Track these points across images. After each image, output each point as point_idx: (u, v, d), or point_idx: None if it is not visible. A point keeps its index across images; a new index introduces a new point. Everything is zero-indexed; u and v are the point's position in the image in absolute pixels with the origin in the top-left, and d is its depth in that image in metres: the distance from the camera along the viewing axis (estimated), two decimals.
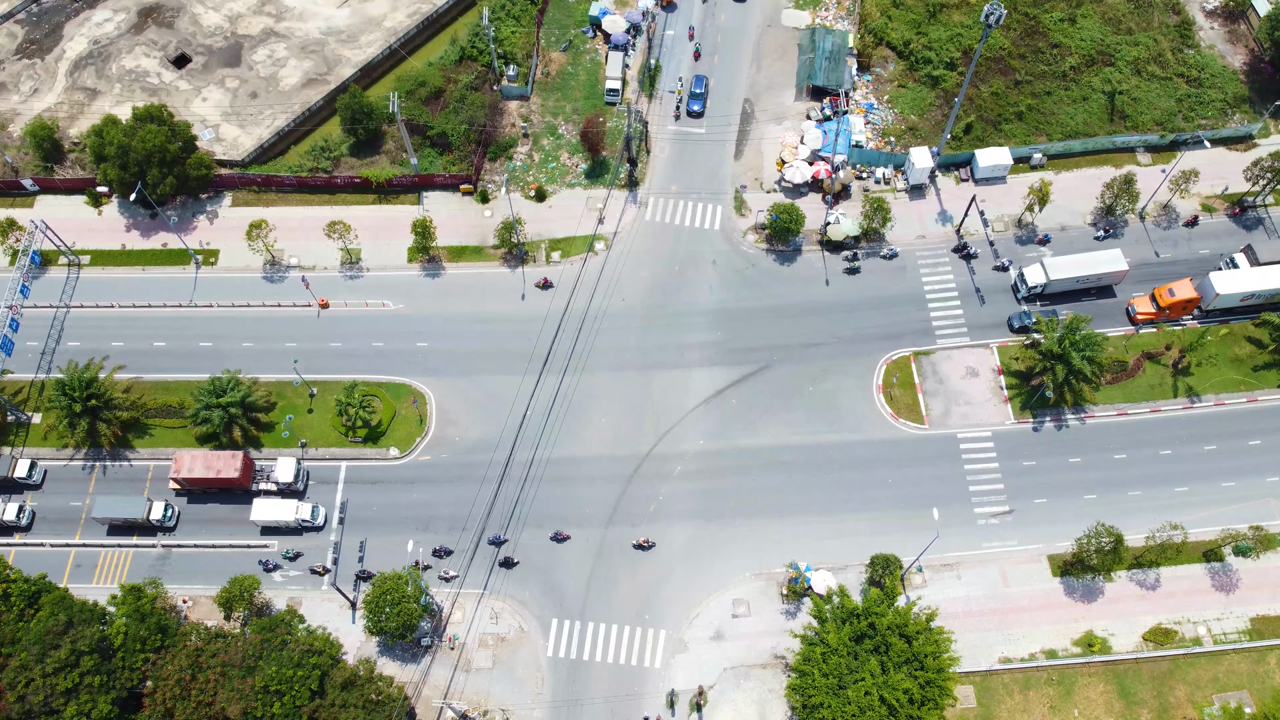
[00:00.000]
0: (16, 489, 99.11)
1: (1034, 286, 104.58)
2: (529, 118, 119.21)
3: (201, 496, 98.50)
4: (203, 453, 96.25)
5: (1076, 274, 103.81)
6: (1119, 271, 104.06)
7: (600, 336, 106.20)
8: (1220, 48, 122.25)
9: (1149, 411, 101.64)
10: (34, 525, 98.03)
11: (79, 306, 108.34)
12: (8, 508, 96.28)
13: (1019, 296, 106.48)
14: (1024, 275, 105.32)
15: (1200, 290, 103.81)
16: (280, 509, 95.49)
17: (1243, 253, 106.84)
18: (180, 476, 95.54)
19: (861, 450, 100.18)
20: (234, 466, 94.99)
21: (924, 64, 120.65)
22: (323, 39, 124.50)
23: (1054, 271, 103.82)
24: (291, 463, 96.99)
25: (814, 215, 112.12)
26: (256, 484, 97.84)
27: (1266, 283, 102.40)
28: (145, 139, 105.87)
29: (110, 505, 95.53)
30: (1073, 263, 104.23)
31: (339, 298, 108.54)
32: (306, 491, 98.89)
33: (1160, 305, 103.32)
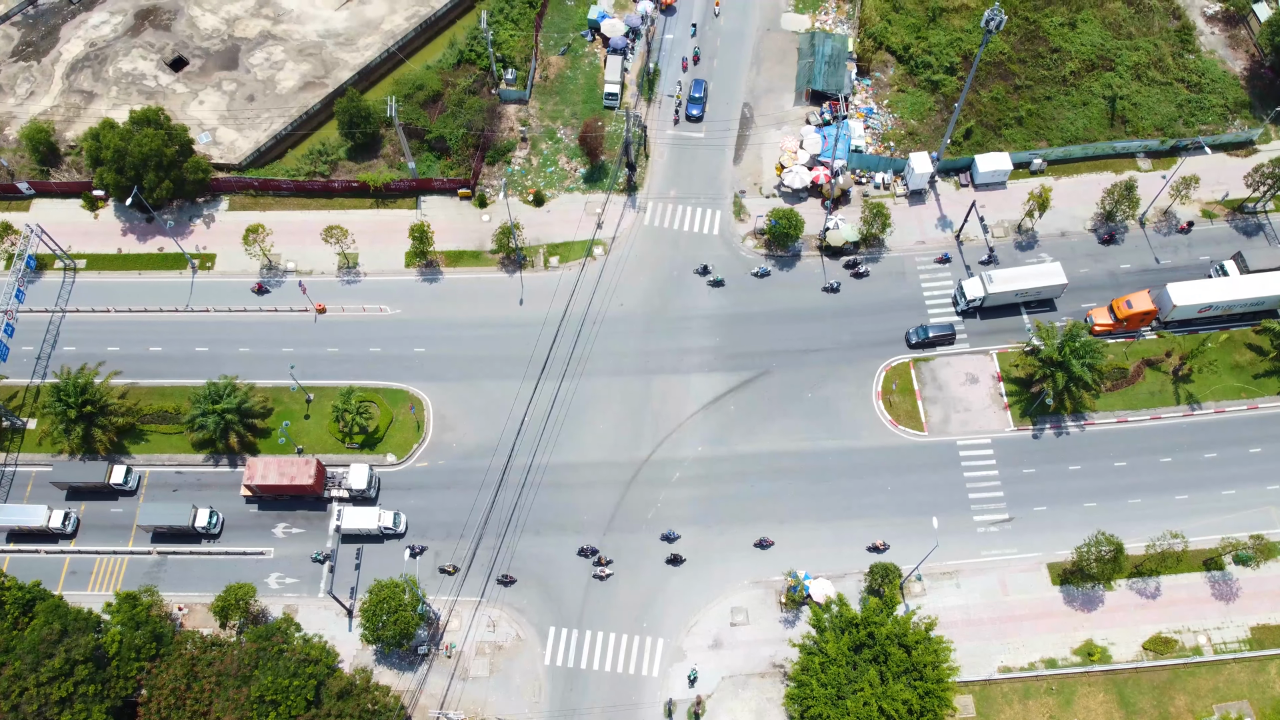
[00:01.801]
0: (111, 495, 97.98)
1: (973, 300, 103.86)
2: (527, 121, 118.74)
3: (272, 503, 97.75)
4: (276, 459, 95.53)
5: (1016, 287, 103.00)
6: (1059, 285, 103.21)
7: (599, 341, 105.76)
8: (1221, 53, 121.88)
9: (1149, 419, 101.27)
10: (79, 532, 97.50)
11: (74, 311, 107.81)
12: (53, 515, 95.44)
13: (958, 309, 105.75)
14: (963, 288, 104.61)
15: (1158, 302, 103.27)
16: (364, 516, 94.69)
17: (1233, 260, 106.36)
18: (254, 483, 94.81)
19: (860, 457, 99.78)
20: (308, 473, 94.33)
21: (924, 68, 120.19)
22: (320, 42, 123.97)
23: (993, 285, 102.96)
24: (364, 469, 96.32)
25: (813, 220, 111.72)
26: (329, 490, 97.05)
27: (1223, 295, 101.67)
28: (142, 143, 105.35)
29: (156, 513, 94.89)
30: (1012, 276, 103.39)
31: (336, 302, 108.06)
32: (379, 497, 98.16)
33: (1118, 317, 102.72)
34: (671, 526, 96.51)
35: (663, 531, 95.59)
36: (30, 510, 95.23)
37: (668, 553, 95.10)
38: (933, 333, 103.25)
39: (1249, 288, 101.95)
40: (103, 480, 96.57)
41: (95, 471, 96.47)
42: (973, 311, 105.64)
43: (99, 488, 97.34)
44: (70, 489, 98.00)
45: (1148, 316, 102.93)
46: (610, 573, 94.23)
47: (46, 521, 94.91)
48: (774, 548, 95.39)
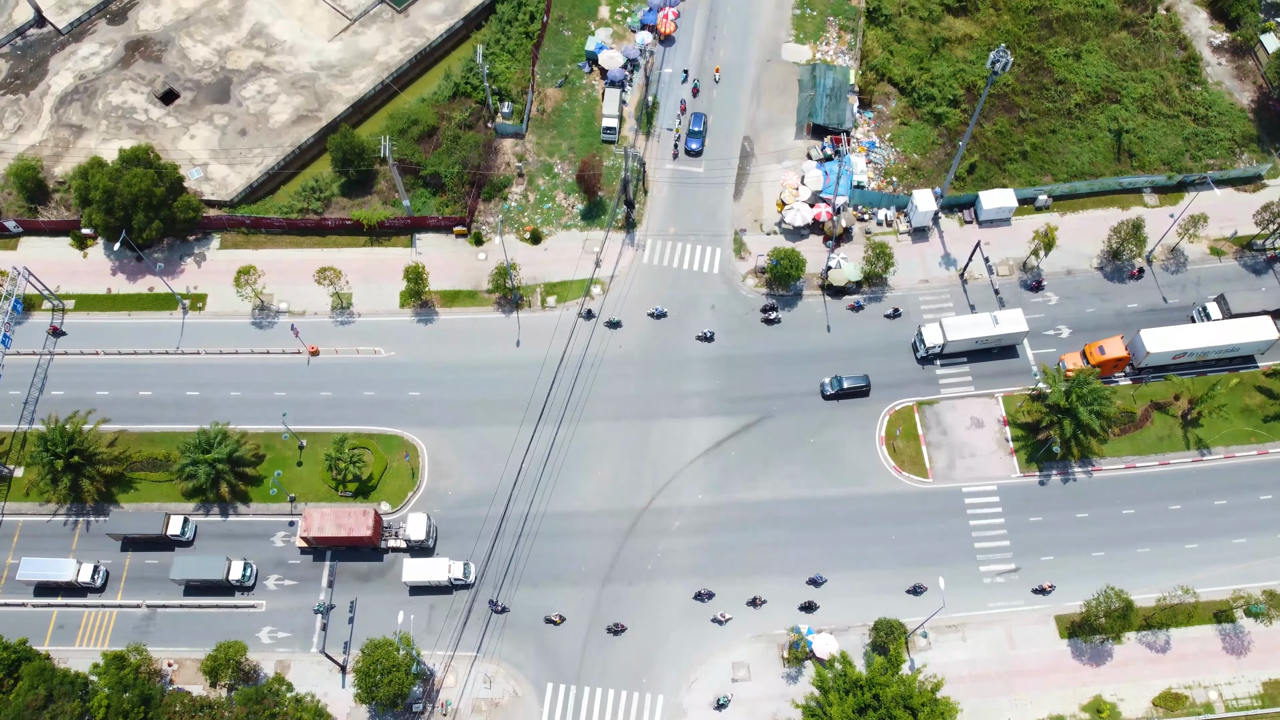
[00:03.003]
0: (168, 547, 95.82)
1: (931, 347, 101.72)
2: (524, 156, 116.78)
3: (326, 553, 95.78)
4: (333, 510, 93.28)
5: (976, 334, 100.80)
6: (1020, 332, 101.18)
7: (597, 384, 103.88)
8: (1228, 84, 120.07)
9: (1157, 464, 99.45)
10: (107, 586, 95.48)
11: (63, 354, 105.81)
12: (82, 568, 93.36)
13: (918, 356, 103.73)
14: (922, 335, 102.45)
15: (1131, 348, 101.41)
16: (432, 568, 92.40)
17: (1215, 302, 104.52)
18: (310, 535, 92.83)
19: (864, 505, 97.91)
20: (366, 524, 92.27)
21: (926, 101, 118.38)
22: (314, 74, 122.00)
23: (952, 332, 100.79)
24: (423, 519, 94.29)
25: (815, 258, 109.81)
26: (386, 541, 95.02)
27: (1198, 341, 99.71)
28: (131, 183, 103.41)
29: (189, 566, 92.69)
30: (972, 323, 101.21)
31: (329, 344, 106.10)
32: (436, 547, 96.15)
33: (1091, 363, 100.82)
34: (669, 578, 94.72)
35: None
36: (58, 564, 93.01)
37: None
38: (847, 384, 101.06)
39: (1223, 334, 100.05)
40: (160, 531, 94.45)
41: (152, 522, 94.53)
42: (932, 359, 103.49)
43: (155, 539, 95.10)
44: (125, 540, 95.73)
45: (1121, 362, 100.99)
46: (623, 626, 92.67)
47: (75, 575, 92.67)
48: (776, 599, 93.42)
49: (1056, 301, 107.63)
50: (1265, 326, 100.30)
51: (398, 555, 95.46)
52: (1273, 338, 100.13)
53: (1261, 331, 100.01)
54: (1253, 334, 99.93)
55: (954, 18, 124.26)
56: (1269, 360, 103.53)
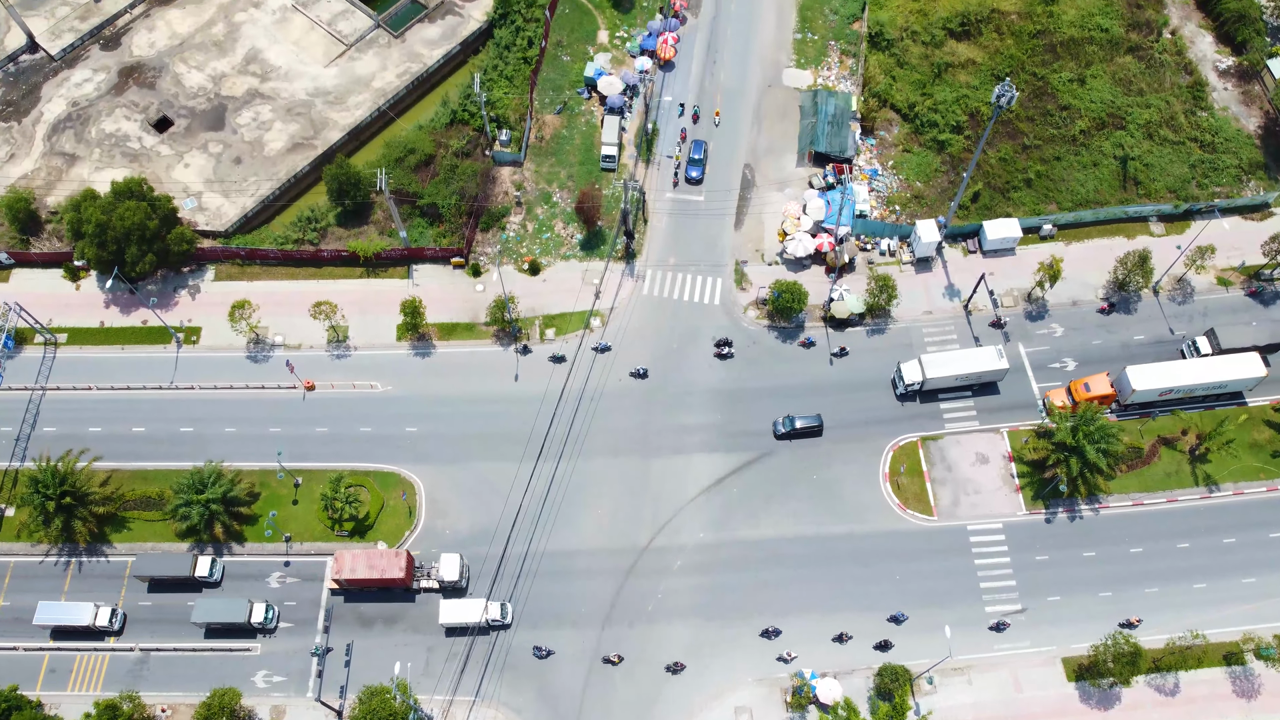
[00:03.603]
0: (195, 588, 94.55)
1: (910, 384, 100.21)
2: (522, 185, 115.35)
3: (358, 595, 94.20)
4: (365, 552, 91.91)
5: (955, 372, 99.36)
6: (1000, 370, 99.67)
7: (597, 418, 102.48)
8: (1234, 109, 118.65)
9: (1165, 501, 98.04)
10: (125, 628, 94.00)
11: (55, 389, 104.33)
12: (100, 611, 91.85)
13: (897, 394, 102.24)
14: (901, 372, 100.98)
15: (1117, 385, 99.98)
16: (469, 609, 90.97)
17: (1205, 336, 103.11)
18: (342, 578, 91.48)
19: (867, 543, 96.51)
20: (398, 566, 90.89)
21: (929, 127, 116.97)
22: (309, 100, 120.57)
23: (931, 369, 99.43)
24: (455, 559, 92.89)
25: (817, 289, 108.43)
26: (418, 582, 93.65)
27: (1184, 379, 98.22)
28: (124, 216, 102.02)
29: (211, 609, 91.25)
30: (951, 360, 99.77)
31: (325, 378, 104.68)
32: (469, 588, 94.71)
33: (1076, 400, 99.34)
34: (670, 619, 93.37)
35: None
36: (75, 608, 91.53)
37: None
38: (799, 423, 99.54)
39: (1210, 371, 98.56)
40: (188, 573, 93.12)
41: (180, 564, 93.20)
42: (911, 396, 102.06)
43: (184, 580, 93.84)
44: (152, 582, 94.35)
45: (1106, 399, 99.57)
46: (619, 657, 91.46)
47: (93, 619, 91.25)
48: (778, 641, 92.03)
49: (1062, 333, 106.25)
50: (1252, 363, 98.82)
51: (429, 595, 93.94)
52: (1260, 375, 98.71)
53: (1249, 368, 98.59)
54: (1240, 371, 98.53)
55: (957, 42, 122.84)
56: (1262, 396, 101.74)
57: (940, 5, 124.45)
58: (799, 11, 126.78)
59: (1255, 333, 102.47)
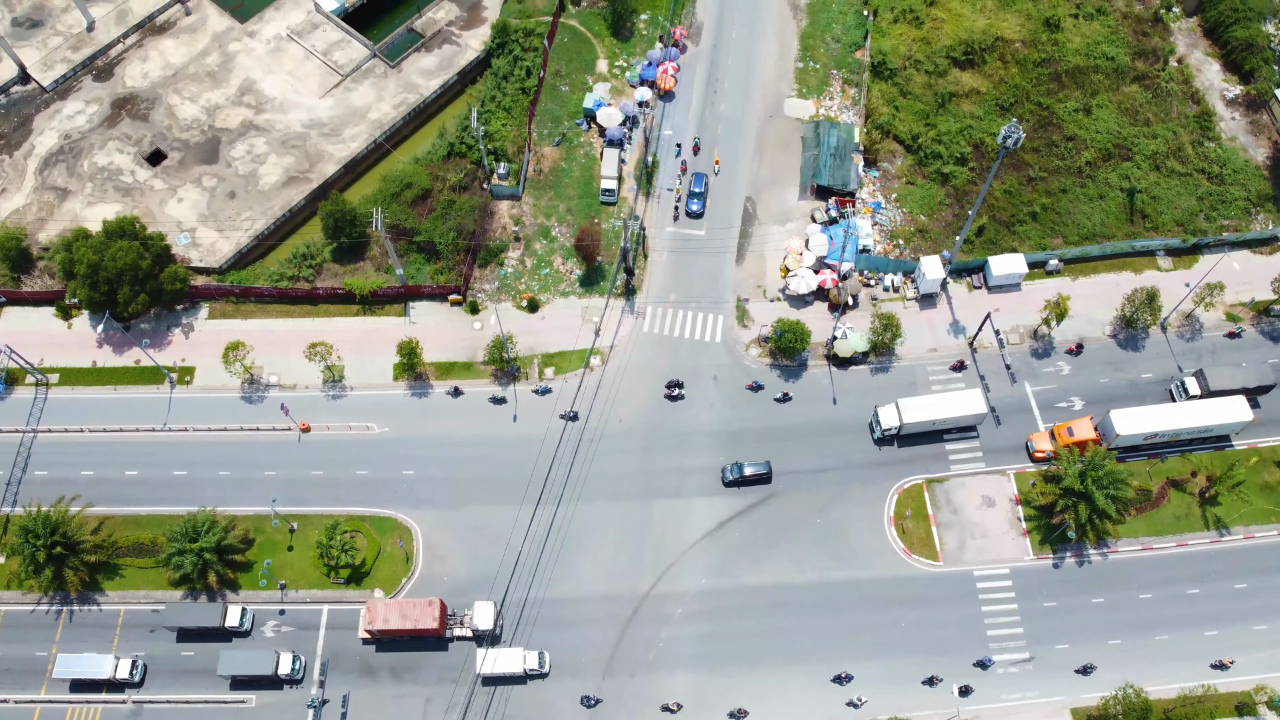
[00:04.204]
0: (225, 637, 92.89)
1: (888, 429, 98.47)
2: (521, 219, 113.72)
3: (391, 644, 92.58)
4: (397, 602, 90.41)
5: (933, 416, 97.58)
6: (979, 414, 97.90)
7: (596, 461, 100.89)
8: (1242, 140, 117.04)
9: (1175, 545, 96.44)
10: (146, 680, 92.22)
11: (47, 431, 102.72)
12: (120, 663, 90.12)
13: (874, 438, 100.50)
14: (878, 416, 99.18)
15: (1101, 430, 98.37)
16: (508, 659, 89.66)
17: (1193, 377, 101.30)
18: (374, 628, 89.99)
19: (872, 589, 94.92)
20: (431, 615, 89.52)
21: (933, 159, 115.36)
22: (304, 132, 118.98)
23: (909, 414, 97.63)
24: (489, 607, 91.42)
25: (820, 326, 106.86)
26: (451, 630, 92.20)
27: (1169, 423, 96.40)
28: (116, 256, 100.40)
29: (237, 661, 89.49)
30: (929, 404, 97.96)
31: (321, 420, 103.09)
32: (504, 636, 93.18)
33: (1059, 444, 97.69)
34: (672, 668, 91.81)
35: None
36: (95, 660, 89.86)
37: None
38: (748, 470, 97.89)
39: (1196, 415, 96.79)
40: (218, 623, 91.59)
41: (210, 614, 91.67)
42: (889, 440, 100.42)
43: (213, 630, 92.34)
44: (180, 631, 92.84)
45: (1091, 443, 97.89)
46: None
47: (113, 671, 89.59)
48: (781, 692, 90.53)
49: (1069, 371, 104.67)
50: (1239, 407, 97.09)
51: (463, 644, 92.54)
52: (1246, 419, 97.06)
53: (1235, 412, 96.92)
54: (1226, 415, 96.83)
55: (960, 71, 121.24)
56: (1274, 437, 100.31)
57: (943, 33, 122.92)
58: (800, 39, 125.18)
59: (1245, 374, 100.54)
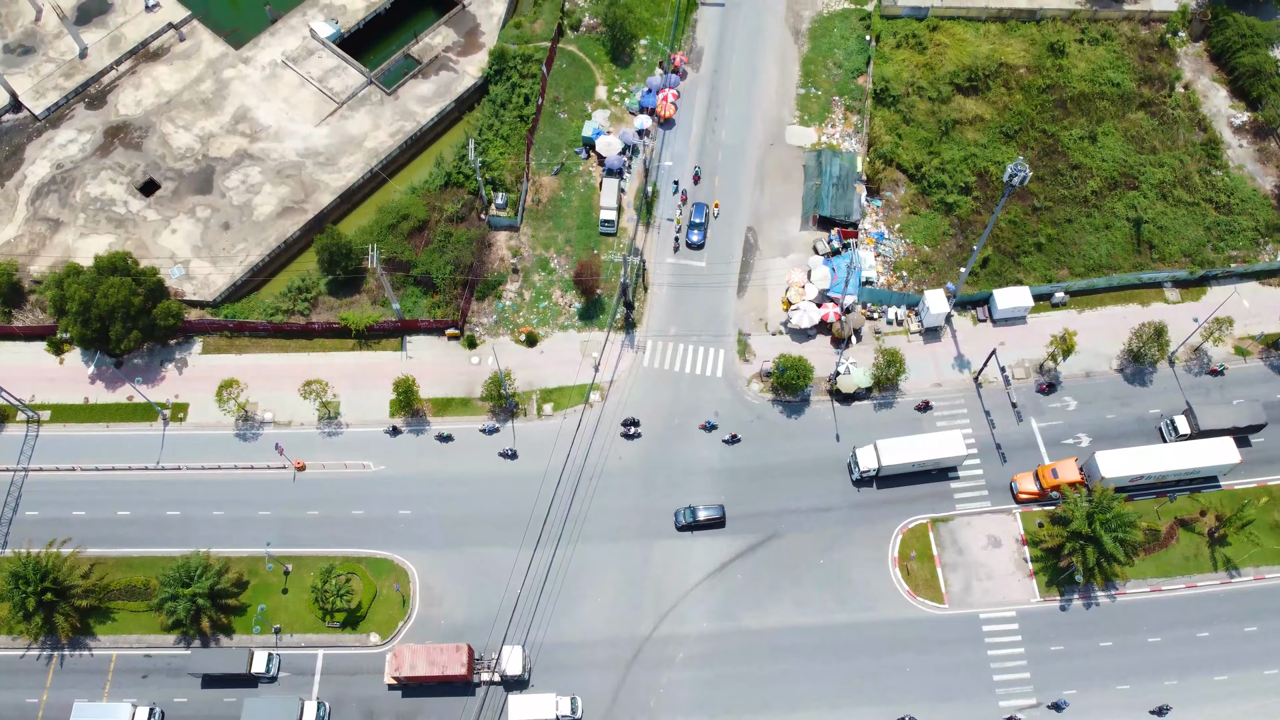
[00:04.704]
0: (251, 683, 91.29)
1: (866, 470, 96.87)
2: (519, 251, 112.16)
3: (417, 690, 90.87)
4: (425, 648, 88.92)
5: (912, 458, 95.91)
6: (959, 455, 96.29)
7: (596, 499, 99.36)
8: (1250, 168, 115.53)
9: (1184, 587, 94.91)
10: None
11: (38, 470, 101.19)
12: (137, 712, 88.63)
13: (853, 479, 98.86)
14: (857, 457, 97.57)
15: (1086, 471, 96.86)
16: (539, 705, 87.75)
17: (1183, 415, 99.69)
18: (401, 675, 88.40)
19: (876, 632, 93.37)
20: (459, 662, 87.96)
21: (937, 188, 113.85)
22: (299, 161, 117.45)
23: (887, 455, 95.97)
24: (518, 652, 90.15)
25: (823, 360, 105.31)
26: (479, 675, 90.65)
27: (1155, 465, 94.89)
28: (108, 293, 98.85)
29: (260, 710, 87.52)
30: (909, 446, 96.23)
31: (316, 458, 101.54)
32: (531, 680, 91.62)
33: (1043, 486, 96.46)
34: (673, 715, 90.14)
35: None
36: (114, 709, 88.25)
37: None
38: (701, 514, 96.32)
39: (1182, 457, 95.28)
40: (244, 669, 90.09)
41: (236, 660, 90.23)
42: (868, 481, 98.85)
43: (240, 677, 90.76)
44: (205, 678, 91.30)
45: (1075, 486, 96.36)
46: None
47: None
48: None
49: (1075, 407, 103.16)
50: (1226, 449, 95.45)
51: (491, 689, 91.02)
52: (1234, 461, 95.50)
53: (1222, 454, 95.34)
54: (1213, 457, 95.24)
55: (964, 98, 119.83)
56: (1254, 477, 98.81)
57: (947, 59, 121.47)
58: (802, 65, 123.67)
59: (1236, 413, 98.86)
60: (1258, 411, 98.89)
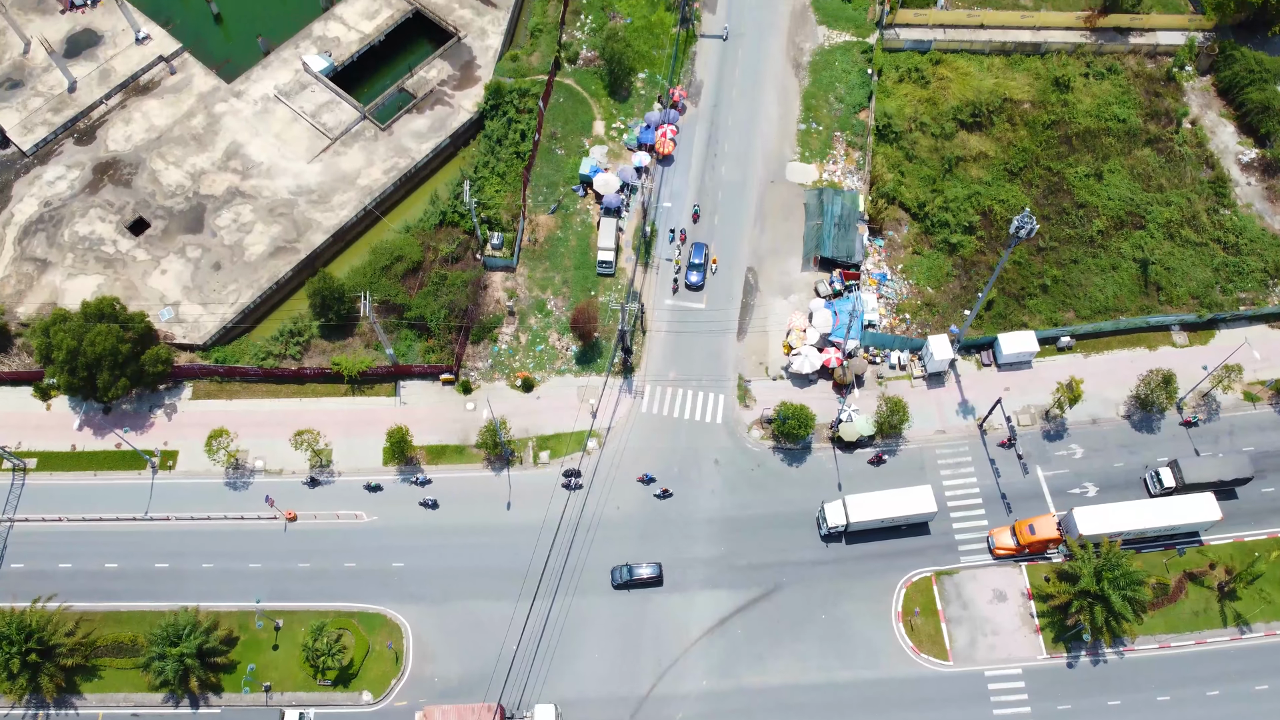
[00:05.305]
0: None
1: (834, 527, 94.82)
2: (515, 292, 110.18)
3: None
4: (455, 709, 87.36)
5: (882, 515, 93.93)
6: (929, 512, 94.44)
7: (593, 550, 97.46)
8: (1259, 206, 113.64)
9: (1194, 643, 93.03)
10: None
11: (24, 520, 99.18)
12: None
13: (821, 535, 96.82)
14: (825, 513, 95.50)
15: (1064, 527, 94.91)
16: None
17: (1169, 468, 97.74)
18: None
19: (879, 690, 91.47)
20: None
21: (940, 227, 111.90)
22: (292, 199, 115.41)
23: (856, 512, 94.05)
24: (550, 711, 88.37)
25: (825, 406, 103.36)
26: None
27: (1133, 522, 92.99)
28: (95, 342, 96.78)
29: None
30: (878, 502, 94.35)
31: (308, 508, 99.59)
32: None
33: (1021, 543, 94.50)
34: None
35: None
36: None
37: None
38: (639, 572, 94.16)
39: (1161, 514, 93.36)
40: None
41: None
42: (836, 537, 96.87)
43: None
44: None
45: (1054, 542, 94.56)
46: None
47: None
48: None
49: (1081, 455, 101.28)
50: (1207, 506, 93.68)
51: None
52: (1215, 519, 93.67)
53: (1203, 512, 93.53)
54: (1194, 514, 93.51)
55: (968, 133, 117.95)
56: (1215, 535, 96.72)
57: (950, 93, 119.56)
58: (803, 99, 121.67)
59: (1221, 465, 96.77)
60: (1244, 464, 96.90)
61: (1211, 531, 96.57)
